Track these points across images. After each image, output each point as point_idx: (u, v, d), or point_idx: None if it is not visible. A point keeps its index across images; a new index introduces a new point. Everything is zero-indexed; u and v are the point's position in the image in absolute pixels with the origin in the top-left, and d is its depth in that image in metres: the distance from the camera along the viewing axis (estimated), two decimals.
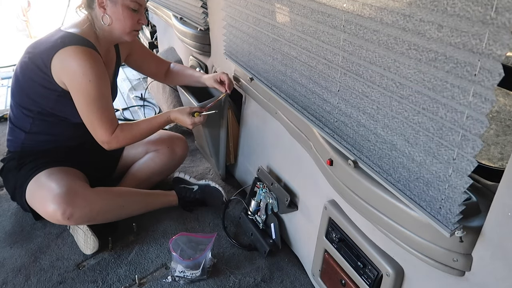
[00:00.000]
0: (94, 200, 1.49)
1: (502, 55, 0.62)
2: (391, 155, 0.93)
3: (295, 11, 1.16)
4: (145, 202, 1.69)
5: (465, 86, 0.70)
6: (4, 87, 3.62)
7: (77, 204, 1.43)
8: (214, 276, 1.47)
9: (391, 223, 0.95)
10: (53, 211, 1.41)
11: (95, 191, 1.52)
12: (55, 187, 1.44)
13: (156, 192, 1.75)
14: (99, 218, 1.53)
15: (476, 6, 0.64)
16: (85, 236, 1.53)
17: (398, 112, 0.87)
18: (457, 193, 0.77)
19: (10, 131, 1.60)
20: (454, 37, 0.69)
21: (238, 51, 1.67)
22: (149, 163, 1.82)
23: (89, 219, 1.49)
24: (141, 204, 1.67)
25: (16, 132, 1.57)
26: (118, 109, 2.80)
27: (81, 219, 1.46)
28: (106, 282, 1.44)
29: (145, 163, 1.82)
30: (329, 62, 1.06)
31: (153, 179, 1.83)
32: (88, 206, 1.47)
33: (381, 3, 0.83)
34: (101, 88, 1.43)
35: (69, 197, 1.42)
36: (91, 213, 1.48)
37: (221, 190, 1.79)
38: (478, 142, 0.70)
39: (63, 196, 1.42)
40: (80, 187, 1.49)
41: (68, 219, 1.42)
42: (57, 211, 1.41)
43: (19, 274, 1.46)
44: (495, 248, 0.76)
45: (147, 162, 1.82)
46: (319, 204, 1.30)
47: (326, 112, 1.16)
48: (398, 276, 1.02)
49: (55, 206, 1.41)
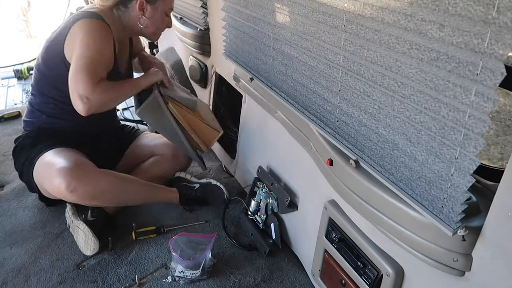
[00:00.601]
0: (99, 179, 1.52)
1: (504, 54, 0.62)
2: (393, 155, 0.93)
3: (295, 11, 1.16)
4: (147, 193, 1.70)
5: (467, 86, 0.70)
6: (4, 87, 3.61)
7: (82, 180, 1.46)
8: (214, 276, 1.47)
9: (391, 223, 0.95)
10: (58, 184, 1.43)
11: (101, 171, 1.55)
12: (63, 161, 1.48)
13: (159, 187, 1.76)
14: (101, 199, 1.54)
15: (477, 6, 0.64)
16: (85, 237, 1.53)
17: (400, 111, 0.87)
18: (459, 192, 0.77)
19: (29, 113, 1.68)
20: (456, 37, 0.69)
21: (238, 51, 1.67)
22: (153, 168, 1.84)
23: (92, 196, 1.50)
24: (144, 194, 1.69)
25: (36, 114, 1.65)
26: (118, 109, 2.80)
27: (84, 195, 1.47)
28: (106, 282, 1.44)
29: (148, 167, 1.85)
30: (330, 62, 1.06)
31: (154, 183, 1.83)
32: (93, 183, 1.49)
33: (382, 2, 0.83)
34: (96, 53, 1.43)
35: (75, 172, 1.45)
36: (95, 191, 1.49)
37: (223, 188, 1.80)
38: (480, 141, 0.70)
39: (70, 170, 1.45)
40: (87, 165, 1.54)
41: (71, 192, 1.44)
42: (61, 184, 1.43)
43: (19, 274, 1.46)
44: (495, 248, 0.75)
45: (151, 167, 1.85)
46: (319, 204, 1.30)
47: (327, 112, 1.15)
48: (398, 276, 1.02)
49: (61, 179, 1.43)
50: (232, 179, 2.05)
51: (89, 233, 1.53)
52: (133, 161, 1.88)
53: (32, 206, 1.79)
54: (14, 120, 2.61)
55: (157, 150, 1.87)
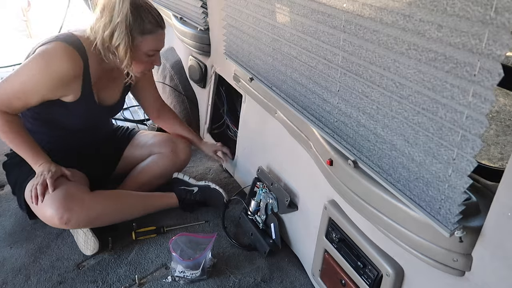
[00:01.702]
0: (92, 205, 1.48)
1: (501, 55, 0.62)
2: (391, 155, 0.93)
3: (295, 11, 1.16)
4: (144, 205, 1.69)
5: (464, 86, 0.70)
6: None
7: (75, 210, 1.42)
8: (214, 276, 1.47)
9: (391, 223, 0.95)
10: (51, 215, 1.41)
11: (93, 196, 1.51)
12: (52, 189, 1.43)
13: (155, 195, 1.75)
14: (97, 222, 1.53)
15: (475, 6, 0.64)
16: (85, 237, 1.53)
17: (398, 112, 0.87)
18: (457, 193, 0.77)
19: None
20: (454, 37, 0.69)
21: (238, 51, 1.67)
22: (152, 166, 1.82)
23: (86, 223, 1.49)
24: (140, 207, 1.67)
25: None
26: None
27: (79, 224, 1.46)
28: (106, 282, 1.44)
29: (147, 166, 1.82)
30: (329, 62, 1.06)
31: (154, 182, 1.82)
32: (86, 211, 1.46)
33: (381, 3, 0.83)
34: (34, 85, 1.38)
35: (67, 202, 1.41)
36: (89, 218, 1.48)
37: (222, 192, 1.79)
38: (477, 142, 0.70)
39: (61, 201, 1.41)
40: (79, 192, 1.48)
41: (65, 224, 1.42)
42: (54, 216, 1.40)
43: (19, 274, 1.46)
44: (495, 248, 0.75)
45: (149, 166, 1.82)
46: (319, 204, 1.30)
47: (326, 112, 1.16)
48: (398, 276, 1.02)
49: (53, 210, 1.40)
50: (232, 179, 2.05)
51: (89, 233, 1.53)
52: (132, 163, 1.85)
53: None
54: None
55: (155, 148, 1.85)
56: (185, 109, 2.51)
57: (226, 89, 2.17)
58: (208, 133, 2.31)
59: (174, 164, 1.86)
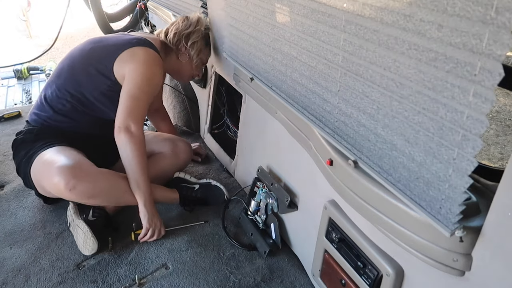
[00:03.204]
0: (99, 178, 1.52)
1: (502, 55, 0.62)
2: (391, 155, 0.93)
3: (295, 11, 1.16)
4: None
5: (465, 86, 0.70)
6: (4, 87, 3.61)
7: (81, 178, 1.46)
8: (214, 276, 1.47)
9: (391, 223, 0.95)
10: (57, 181, 1.43)
11: (101, 170, 1.56)
12: (63, 160, 1.48)
13: (159, 186, 1.76)
14: (100, 198, 1.55)
15: (476, 6, 0.64)
16: (84, 237, 1.53)
17: (398, 112, 0.87)
18: (457, 193, 0.77)
19: (38, 106, 1.72)
20: (454, 37, 0.69)
21: (238, 51, 1.67)
22: (152, 166, 1.82)
23: (90, 195, 1.50)
24: None
25: (45, 108, 1.69)
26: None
27: (83, 193, 1.47)
28: (106, 282, 1.44)
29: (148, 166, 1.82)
30: (329, 62, 1.06)
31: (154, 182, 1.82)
32: (92, 182, 1.49)
33: (381, 3, 0.83)
34: (151, 88, 1.63)
35: (74, 170, 1.45)
36: (94, 190, 1.49)
37: (223, 188, 1.80)
38: (478, 142, 0.70)
39: (69, 168, 1.45)
40: (87, 164, 1.54)
41: (70, 190, 1.43)
42: (60, 182, 1.42)
43: (19, 274, 1.46)
44: (495, 248, 0.75)
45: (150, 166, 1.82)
46: (319, 204, 1.30)
47: (326, 112, 1.16)
48: (398, 276, 1.02)
49: (59, 177, 1.43)
50: (232, 179, 2.05)
51: (89, 232, 1.53)
52: None
53: (32, 206, 1.79)
54: (14, 120, 2.62)
55: (156, 148, 1.87)
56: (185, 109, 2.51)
57: (226, 89, 2.17)
58: (208, 133, 2.31)
59: (174, 164, 1.87)
